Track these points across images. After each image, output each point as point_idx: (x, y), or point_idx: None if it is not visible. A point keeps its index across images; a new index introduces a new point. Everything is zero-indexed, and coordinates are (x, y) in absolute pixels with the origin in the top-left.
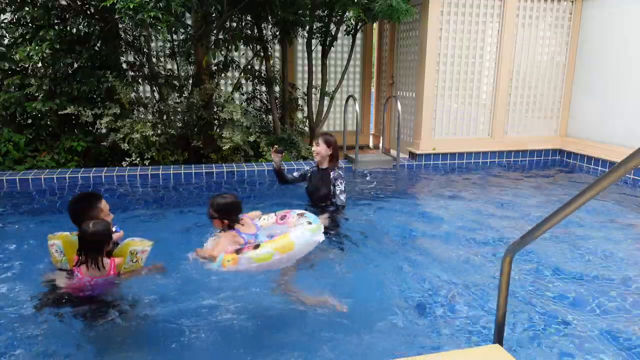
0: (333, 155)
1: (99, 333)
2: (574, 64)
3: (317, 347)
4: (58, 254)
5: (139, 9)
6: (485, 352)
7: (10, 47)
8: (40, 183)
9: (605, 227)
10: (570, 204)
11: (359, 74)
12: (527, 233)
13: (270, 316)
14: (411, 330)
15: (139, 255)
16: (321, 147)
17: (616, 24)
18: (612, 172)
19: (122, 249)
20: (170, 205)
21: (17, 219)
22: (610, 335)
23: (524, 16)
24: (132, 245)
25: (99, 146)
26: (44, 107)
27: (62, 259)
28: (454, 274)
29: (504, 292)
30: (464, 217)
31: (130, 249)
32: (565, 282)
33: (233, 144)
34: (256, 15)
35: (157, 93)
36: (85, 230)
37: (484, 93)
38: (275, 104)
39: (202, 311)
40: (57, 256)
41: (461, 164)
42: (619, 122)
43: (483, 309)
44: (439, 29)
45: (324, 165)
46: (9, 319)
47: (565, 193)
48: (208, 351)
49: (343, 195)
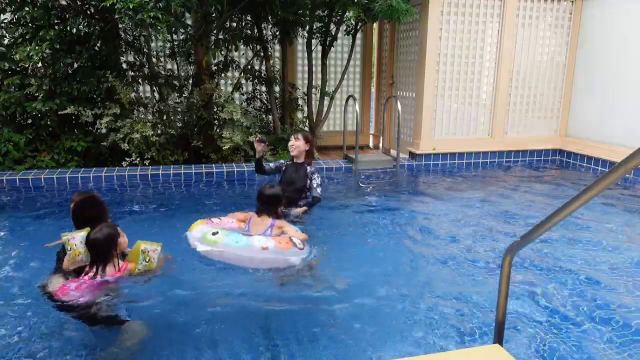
0: (310, 151)
1: (102, 334)
2: (574, 64)
3: (316, 345)
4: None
5: (139, 9)
6: (485, 352)
7: (10, 47)
8: (40, 183)
9: (605, 227)
10: (570, 204)
11: (359, 74)
12: (527, 233)
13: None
14: (411, 330)
15: (151, 253)
16: (300, 142)
17: (616, 24)
18: (612, 172)
19: (133, 251)
20: (170, 205)
21: (17, 218)
22: (610, 336)
23: (524, 16)
24: (143, 244)
25: (99, 146)
26: (44, 107)
27: (84, 251)
28: (453, 274)
29: (503, 292)
30: (464, 217)
31: (142, 248)
32: (566, 281)
33: (233, 144)
34: (256, 15)
35: (157, 93)
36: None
37: (484, 93)
38: (275, 104)
39: (206, 307)
40: (80, 248)
41: (461, 164)
42: (619, 122)
43: (483, 309)
44: (439, 29)
45: (299, 160)
46: (9, 319)
47: (565, 193)
48: (216, 344)
49: (319, 189)
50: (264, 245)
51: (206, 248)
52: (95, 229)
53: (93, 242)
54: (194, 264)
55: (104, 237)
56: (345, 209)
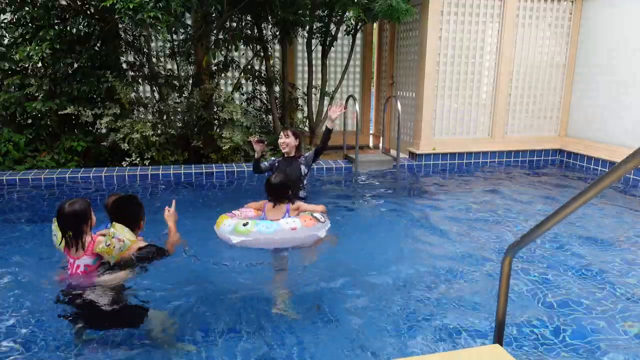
0: (299, 145)
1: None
2: (574, 64)
3: (309, 347)
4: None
5: (139, 9)
6: (485, 352)
7: (10, 47)
8: (40, 183)
9: (606, 226)
10: (570, 204)
11: (359, 74)
12: (526, 233)
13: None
14: (410, 329)
15: (114, 240)
16: (290, 139)
17: (616, 24)
18: (612, 172)
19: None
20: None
21: (16, 218)
22: (611, 335)
23: (524, 16)
24: (115, 229)
25: (99, 146)
26: (44, 107)
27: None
28: (453, 273)
29: (503, 292)
30: (464, 217)
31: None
32: (566, 281)
33: (233, 144)
34: (256, 15)
35: (157, 93)
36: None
37: (484, 93)
38: (275, 104)
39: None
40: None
41: (461, 164)
42: (619, 122)
43: (483, 309)
44: (439, 29)
45: (291, 154)
46: (9, 319)
47: (565, 193)
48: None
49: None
50: (292, 226)
51: (240, 239)
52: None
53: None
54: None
55: (77, 207)
56: (344, 209)
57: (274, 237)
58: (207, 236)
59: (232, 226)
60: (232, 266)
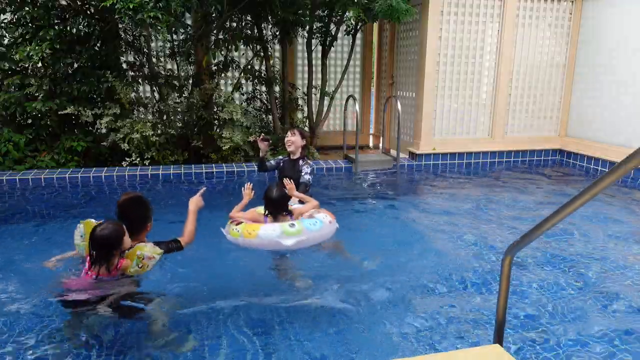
0: (305, 146)
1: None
2: (574, 64)
3: (314, 343)
4: (79, 238)
5: (139, 9)
6: (485, 352)
7: (10, 47)
8: (40, 183)
9: (606, 226)
10: (570, 204)
11: (359, 74)
12: (526, 233)
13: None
14: (411, 329)
15: (145, 261)
16: (297, 137)
17: (616, 24)
18: (612, 172)
19: (131, 251)
20: (170, 205)
21: (16, 218)
22: (611, 335)
23: (524, 16)
24: (140, 249)
25: (99, 146)
26: (44, 107)
27: (81, 244)
28: (453, 273)
29: (503, 292)
30: (464, 217)
31: (138, 254)
32: (566, 280)
33: (233, 144)
34: (256, 15)
35: (157, 93)
36: (95, 233)
37: (484, 93)
38: (275, 104)
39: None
40: (78, 240)
41: (461, 164)
42: (619, 122)
43: (483, 309)
44: (439, 29)
45: (296, 155)
46: (10, 318)
47: (565, 193)
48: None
49: (308, 175)
50: (329, 220)
51: (293, 240)
52: (102, 225)
53: (99, 239)
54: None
55: (109, 233)
56: (344, 209)
57: (322, 232)
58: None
59: (279, 230)
60: (232, 266)
